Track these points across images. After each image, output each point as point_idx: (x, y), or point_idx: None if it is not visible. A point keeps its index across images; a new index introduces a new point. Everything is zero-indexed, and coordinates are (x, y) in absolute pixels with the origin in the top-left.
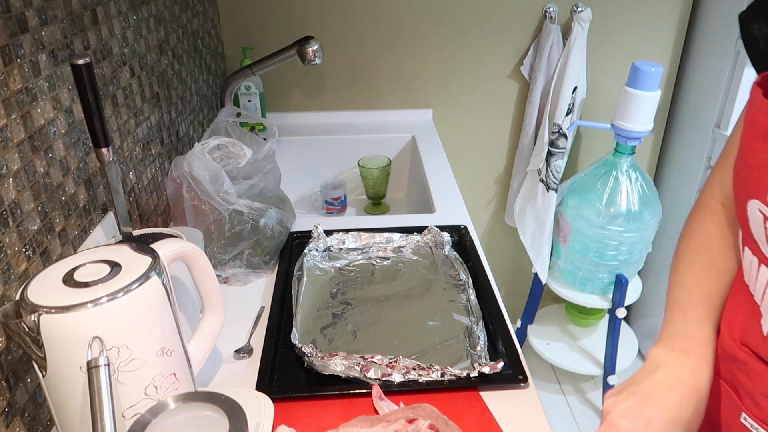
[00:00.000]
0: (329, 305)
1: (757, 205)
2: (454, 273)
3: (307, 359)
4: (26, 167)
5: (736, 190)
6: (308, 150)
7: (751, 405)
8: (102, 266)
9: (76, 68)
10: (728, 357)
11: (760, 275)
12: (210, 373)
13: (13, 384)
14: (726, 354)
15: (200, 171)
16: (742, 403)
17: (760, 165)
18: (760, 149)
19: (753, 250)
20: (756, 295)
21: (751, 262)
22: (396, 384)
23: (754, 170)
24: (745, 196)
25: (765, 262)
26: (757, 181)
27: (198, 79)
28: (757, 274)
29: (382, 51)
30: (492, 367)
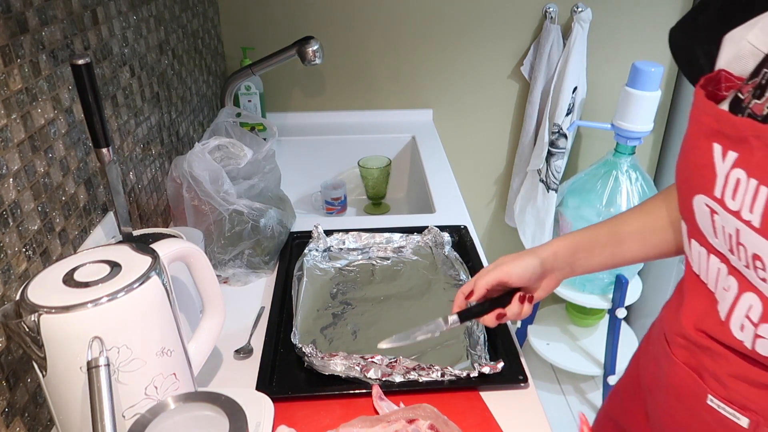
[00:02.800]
0: (329, 305)
1: (703, 200)
2: (454, 273)
3: (307, 359)
4: (26, 167)
5: (680, 186)
6: (308, 150)
7: (717, 386)
8: (102, 266)
9: (76, 68)
10: (690, 344)
11: (710, 265)
12: (210, 373)
13: (13, 384)
14: (688, 342)
15: (200, 171)
16: (707, 386)
17: (705, 162)
18: (704, 148)
19: (700, 242)
20: (709, 284)
21: (699, 254)
22: (396, 384)
23: (699, 167)
24: (690, 191)
25: (713, 252)
26: (703, 177)
27: (198, 79)
28: (707, 263)
29: (382, 51)
30: (492, 367)
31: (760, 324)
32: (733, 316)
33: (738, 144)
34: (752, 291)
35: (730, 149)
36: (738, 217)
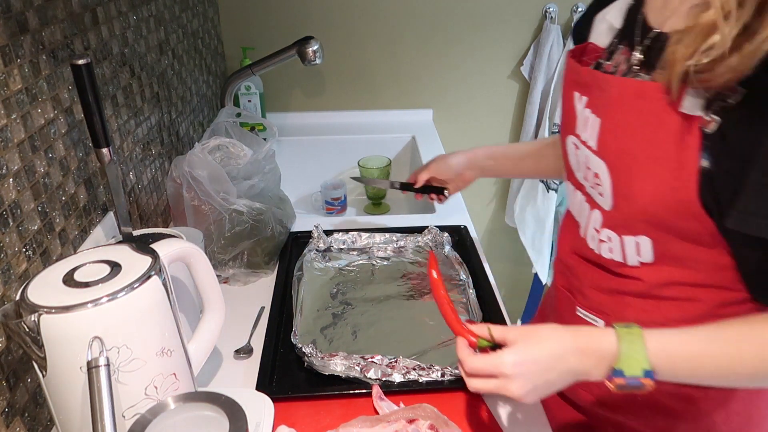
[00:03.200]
0: (329, 305)
1: (572, 140)
2: (454, 273)
3: (307, 359)
4: (26, 167)
5: (561, 129)
6: (308, 150)
7: (582, 298)
8: (102, 266)
9: (76, 68)
10: (565, 269)
11: (576, 198)
12: (210, 373)
13: (13, 384)
14: (564, 267)
15: (200, 171)
16: (575, 300)
17: (570, 107)
18: (569, 96)
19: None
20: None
21: (572, 192)
22: (396, 384)
23: (567, 113)
24: (565, 134)
25: (578, 187)
26: (570, 119)
27: (198, 79)
28: (574, 197)
29: (382, 51)
30: None
31: (601, 230)
32: (588, 231)
33: (587, 90)
34: (596, 208)
35: (584, 95)
36: (586, 146)
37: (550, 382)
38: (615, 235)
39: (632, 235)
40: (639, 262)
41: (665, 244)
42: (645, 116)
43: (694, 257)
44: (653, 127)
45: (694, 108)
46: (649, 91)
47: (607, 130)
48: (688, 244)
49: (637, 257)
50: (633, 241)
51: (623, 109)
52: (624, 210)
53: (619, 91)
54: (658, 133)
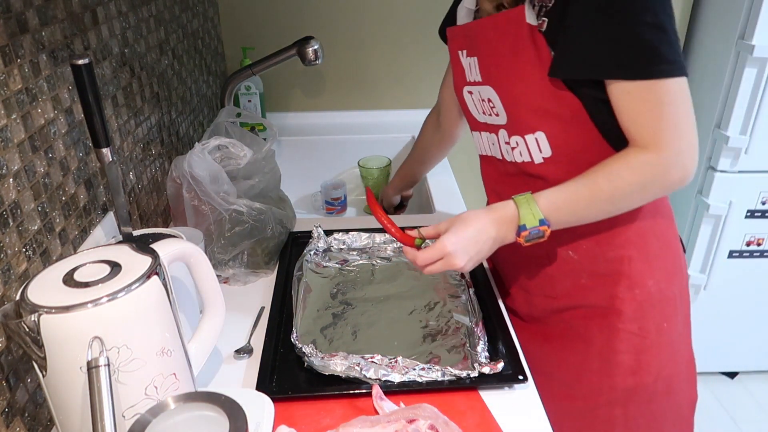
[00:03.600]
0: (329, 305)
1: (467, 89)
2: (454, 273)
3: (307, 359)
4: (26, 167)
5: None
6: (308, 150)
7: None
8: (102, 266)
9: (76, 68)
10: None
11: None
12: (210, 373)
13: (13, 384)
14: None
15: (200, 171)
16: None
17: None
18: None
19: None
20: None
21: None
22: (396, 384)
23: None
24: (459, 88)
25: (482, 128)
26: (461, 74)
27: (198, 80)
28: (481, 139)
29: (382, 51)
30: (492, 367)
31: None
32: (503, 148)
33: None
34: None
35: (463, 48)
36: (476, 84)
37: (480, 251)
38: (520, 138)
39: (531, 133)
40: (543, 158)
41: (557, 136)
42: (504, 38)
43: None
44: (512, 43)
45: (532, 18)
46: (500, 20)
47: (484, 61)
48: (571, 125)
49: (540, 154)
50: (533, 138)
51: (489, 40)
52: (517, 113)
53: (482, 29)
54: (517, 46)
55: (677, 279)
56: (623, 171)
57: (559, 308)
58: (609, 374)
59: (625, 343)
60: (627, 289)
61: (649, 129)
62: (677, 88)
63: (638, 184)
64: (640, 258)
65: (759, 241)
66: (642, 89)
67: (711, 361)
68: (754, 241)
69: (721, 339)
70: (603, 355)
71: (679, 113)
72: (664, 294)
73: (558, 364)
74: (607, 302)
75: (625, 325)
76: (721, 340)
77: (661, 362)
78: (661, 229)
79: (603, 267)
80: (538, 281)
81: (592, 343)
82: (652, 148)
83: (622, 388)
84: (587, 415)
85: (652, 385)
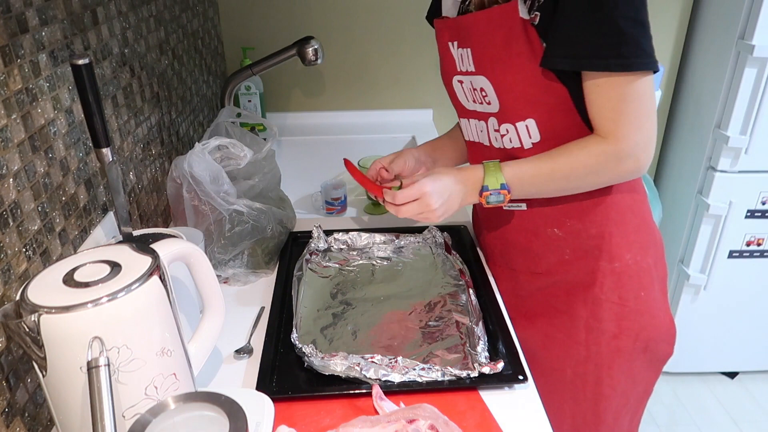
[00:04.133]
0: (329, 305)
1: (456, 78)
2: (454, 273)
3: (307, 359)
4: (26, 167)
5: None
6: (308, 150)
7: None
8: (102, 266)
9: (76, 68)
10: None
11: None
12: (210, 373)
13: (13, 384)
14: None
15: (200, 171)
16: None
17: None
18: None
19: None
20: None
21: (466, 125)
22: (396, 384)
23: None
24: (448, 78)
25: (470, 116)
26: (450, 64)
27: (198, 80)
28: (469, 126)
29: (382, 51)
30: (492, 367)
31: (500, 127)
32: (491, 136)
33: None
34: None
35: (455, 40)
36: (469, 73)
37: (450, 202)
38: (510, 126)
39: (522, 120)
40: (532, 144)
41: (546, 123)
42: (498, 31)
43: (567, 124)
44: (506, 35)
45: (524, 12)
46: (494, 14)
47: (478, 53)
48: (559, 113)
49: (530, 139)
50: (524, 126)
51: (483, 33)
52: (510, 102)
53: (476, 22)
54: (510, 38)
55: (651, 251)
56: (581, 155)
57: (543, 285)
58: (595, 342)
59: (608, 312)
60: (607, 263)
61: (611, 121)
62: (646, 84)
63: (592, 168)
64: (619, 233)
65: (759, 241)
66: (611, 84)
67: (711, 361)
68: (754, 241)
69: (721, 339)
70: (588, 325)
71: (641, 108)
72: (639, 265)
73: (543, 342)
74: (589, 276)
75: (606, 296)
76: (721, 340)
77: (640, 326)
78: (638, 206)
79: (585, 243)
80: (524, 258)
81: (578, 316)
82: (611, 139)
83: (606, 351)
84: (576, 382)
85: (631, 346)
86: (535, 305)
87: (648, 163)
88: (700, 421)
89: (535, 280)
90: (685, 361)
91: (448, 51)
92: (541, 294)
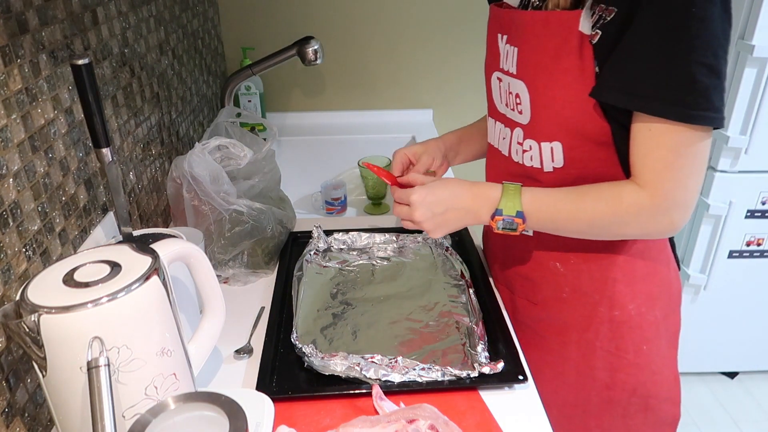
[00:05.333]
0: (329, 305)
1: (497, 75)
2: (454, 273)
3: (307, 359)
4: (26, 167)
5: (486, 72)
6: (308, 150)
7: None
8: (102, 266)
9: (76, 68)
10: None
11: (496, 128)
12: (210, 373)
13: (13, 384)
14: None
15: (200, 171)
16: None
17: (494, 48)
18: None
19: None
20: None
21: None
22: (396, 384)
23: (492, 53)
24: (489, 71)
25: (498, 119)
26: (494, 58)
27: (198, 80)
28: (494, 129)
29: (382, 51)
30: (492, 367)
31: (524, 141)
32: (512, 148)
33: (507, 29)
34: (517, 126)
35: (505, 33)
36: (508, 74)
37: (447, 217)
38: (535, 143)
39: (548, 141)
40: (552, 168)
41: (574, 149)
42: (552, 38)
43: (597, 156)
44: (559, 46)
45: (586, 27)
46: (553, 19)
47: (523, 55)
48: (591, 144)
49: (551, 163)
50: (548, 147)
51: (535, 35)
52: (542, 118)
53: (531, 22)
54: (562, 50)
55: (661, 303)
56: (612, 200)
57: (538, 317)
58: (584, 387)
59: (602, 361)
60: (606, 310)
61: (655, 172)
62: (703, 141)
63: (621, 219)
64: (624, 281)
65: (759, 241)
66: (666, 132)
67: (711, 361)
68: (754, 241)
69: (721, 339)
70: (579, 370)
71: (691, 166)
72: (644, 317)
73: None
74: (585, 320)
75: (602, 344)
76: (721, 340)
77: (638, 380)
78: (651, 253)
79: (586, 285)
80: (523, 284)
81: (569, 358)
82: (650, 190)
83: (596, 401)
84: (562, 423)
85: (626, 401)
86: (529, 334)
87: (681, 226)
88: (700, 421)
89: (531, 309)
90: (685, 361)
91: (496, 43)
92: (537, 326)
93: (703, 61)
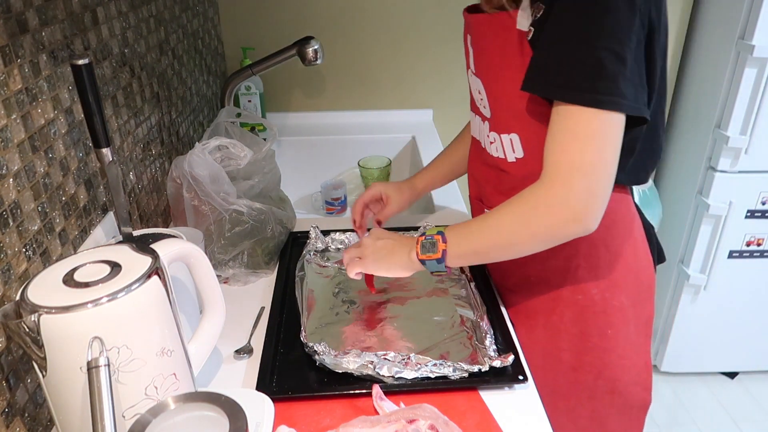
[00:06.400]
0: (333, 304)
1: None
2: (454, 270)
3: (319, 357)
4: (26, 167)
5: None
6: (308, 150)
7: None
8: (102, 266)
9: (76, 68)
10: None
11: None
12: (210, 373)
13: (13, 384)
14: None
15: (200, 171)
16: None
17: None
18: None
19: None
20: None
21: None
22: (396, 384)
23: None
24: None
25: (476, 112)
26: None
27: (198, 80)
28: (475, 122)
29: (382, 51)
30: (503, 360)
31: (489, 134)
32: (484, 140)
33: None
34: (486, 119)
35: (469, 34)
36: (473, 73)
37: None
38: (497, 135)
39: (507, 133)
40: (515, 158)
41: (530, 140)
42: (496, 38)
43: None
44: (502, 44)
45: (524, 25)
46: (495, 20)
47: (477, 54)
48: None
49: (513, 154)
50: (508, 139)
51: (483, 36)
52: (498, 111)
53: (478, 24)
54: (506, 48)
55: (628, 292)
56: (513, 202)
57: (511, 302)
58: (551, 369)
59: (567, 343)
60: (570, 294)
61: (551, 158)
62: (612, 129)
63: (522, 216)
64: (587, 267)
65: (759, 241)
66: (575, 117)
67: (711, 361)
68: (754, 241)
69: (721, 339)
70: (546, 352)
71: (594, 152)
72: (608, 303)
73: None
74: (550, 302)
75: (566, 327)
76: (721, 340)
77: (603, 363)
78: (615, 242)
79: (550, 269)
80: (495, 272)
81: (536, 341)
82: (546, 180)
83: (563, 382)
84: None
85: (592, 383)
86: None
87: (587, 217)
88: (700, 421)
89: (505, 294)
90: (685, 361)
91: (467, 44)
92: (509, 311)
93: (610, 47)
